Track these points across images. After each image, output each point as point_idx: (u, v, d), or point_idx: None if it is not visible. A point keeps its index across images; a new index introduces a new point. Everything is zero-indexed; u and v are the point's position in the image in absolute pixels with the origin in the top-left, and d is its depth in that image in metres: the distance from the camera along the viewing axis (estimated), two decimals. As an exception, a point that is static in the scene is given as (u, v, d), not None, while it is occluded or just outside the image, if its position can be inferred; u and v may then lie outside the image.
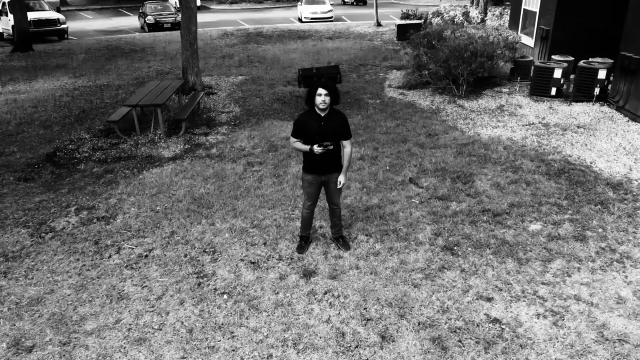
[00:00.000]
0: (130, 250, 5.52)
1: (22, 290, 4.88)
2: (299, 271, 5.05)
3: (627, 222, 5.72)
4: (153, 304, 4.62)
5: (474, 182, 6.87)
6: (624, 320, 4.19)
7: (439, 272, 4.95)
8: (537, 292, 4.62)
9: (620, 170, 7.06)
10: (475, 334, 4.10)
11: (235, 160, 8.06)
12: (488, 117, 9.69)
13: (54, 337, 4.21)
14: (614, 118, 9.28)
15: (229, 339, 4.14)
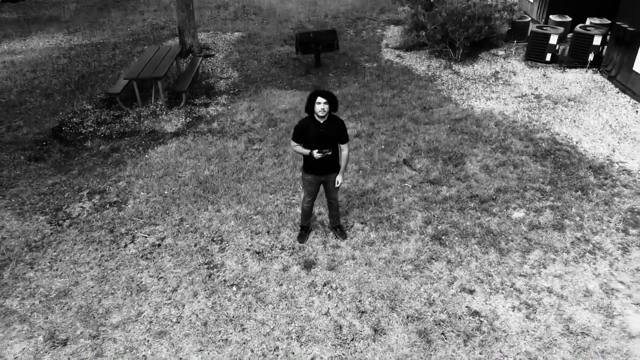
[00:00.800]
0: (144, 239, 5.96)
1: (49, 282, 5.36)
2: (300, 262, 5.53)
3: (603, 210, 6.16)
4: (170, 296, 5.12)
5: (465, 165, 7.23)
6: (588, 314, 4.73)
7: (427, 264, 5.44)
8: (515, 284, 5.13)
9: (604, 152, 7.41)
10: (457, 327, 4.65)
11: (236, 136, 8.33)
12: (482, 87, 9.87)
13: (84, 331, 4.74)
14: (604, 89, 9.48)
15: (240, 332, 4.68)
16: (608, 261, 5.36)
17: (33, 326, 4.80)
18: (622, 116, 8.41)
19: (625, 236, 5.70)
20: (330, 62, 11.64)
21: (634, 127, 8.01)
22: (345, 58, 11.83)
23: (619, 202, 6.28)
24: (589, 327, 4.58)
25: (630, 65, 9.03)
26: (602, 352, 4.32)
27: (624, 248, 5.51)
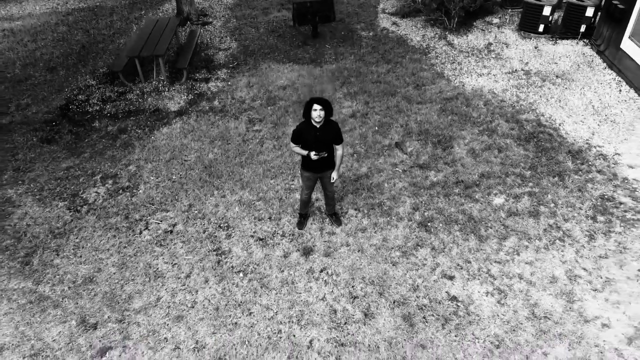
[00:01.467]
0: (157, 226, 6.52)
1: (75, 268, 5.97)
2: (300, 248, 6.12)
3: (576, 197, 6.70)
4: (184, 282, 5.75)
5: (453, 148, 7.68)
6: (552, 299, 5.38)
7: (413, 250, 6.03)
8: (490, 270, 5.75)
9: (584, 135, 7.85)
10: (437, 311, 5.31)
11: (237, 116, 8.70)
12: (474, 61, 10.11)
13: (111, 315, 5.40)
14: (592, 64, 9.75)
15: (247, 316, 5.34)
16: (575, 248, 5.96)
17: (65, 311, 5.45)
18: (606, 95, 8.76)
19: (593, 223, 6.27)
20: (327, 31, 11.75)
21: (615, 108, 8.40)
22: (342, 26, 11.92)
23: (591, 188, 6.81)
24: (551, 312, 5.25)
25: (619, 42, 9.26)
26: (560, 334, 5.01)
27: (591, 235, 6.10)
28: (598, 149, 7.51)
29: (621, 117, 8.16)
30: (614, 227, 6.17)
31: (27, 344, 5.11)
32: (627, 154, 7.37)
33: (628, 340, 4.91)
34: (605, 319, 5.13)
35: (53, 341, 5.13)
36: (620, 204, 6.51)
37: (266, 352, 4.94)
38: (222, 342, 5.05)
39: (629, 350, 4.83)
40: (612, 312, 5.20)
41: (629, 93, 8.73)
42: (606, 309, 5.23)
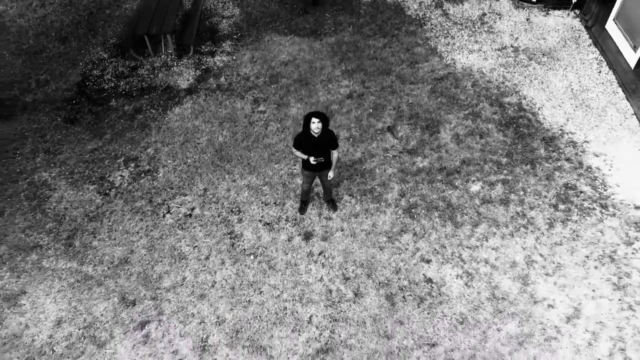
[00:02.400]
0: (177, 209, 7.47)
1: (111, 250, 7.00)
2: (301, 232, 7.11)
3: (543, 185, 7.57)
4: (204, 263, 6.79)
5: (439, 133, 8.42)
6: (510, 282, 6.45)
7: (398, 236, 7.02)
8: (462, 255, 6.77)
9: (559, 120, 8.55)
10: (414, 292, 6.40)
11: (242, 95, 9.33)
12: (467, 35, 10.50)
13: (146, 293, 6.50)
14: (579, 40, 10.16)
15: (259, 295, 6.43)
16: (535, 235, 6.94)
17: (108, 289, 6.54)
18: (586, 77, 9.31)
19: (554, 212, 7.20)
20: (327, -5, 11.95)
21: (592, 92, 9.00)
22: (341, -11, 12.07)
23: (558, 176, 7.66)
24: (508, 294, 6.33)
25: (604, 21, 9.63)
26: (513, 313, 6.12)
27: (550, 223, 7.06)
28: (570, 136, 8.26)
29: (596, 102, 8.80)
30: (572, 216, 7.11)
31: (80, 317, 6.25)
32: (595, 142, 8.13)
33: (567, 319, 6.03)
34: (551, 300, 6.22)
35: (101, 315, 6.26)
36: (580, 193, 7.40)
37: (274, 326, 6.09)
38: (238, 317, 6.19)
39: (566, 327, 5.97)
40: (558, 294, 6.28)
41: (607, 75, 9.28)
42: (553, 291, 6.31)
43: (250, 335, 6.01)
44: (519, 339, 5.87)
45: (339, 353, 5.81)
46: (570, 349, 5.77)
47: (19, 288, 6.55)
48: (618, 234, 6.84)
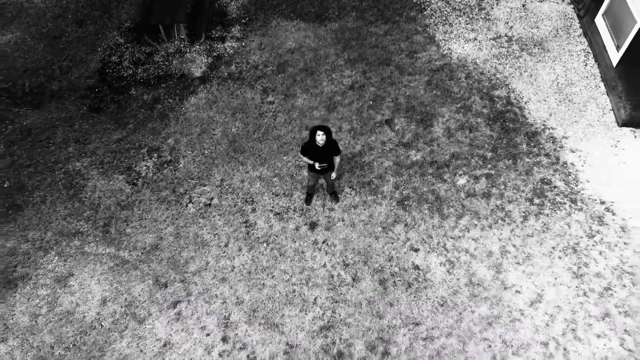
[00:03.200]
0: (198, 199, 8.40)
1: (143, 237, 8.01)
2: (307, 222, 8.07)
3: (522, 180, 8.43)
4: (224, 250, 7.82)
5: (432, 127, 9.17)
6: (485, 270, 7.48)
7: (391, 226, 7.99)
8: (445, 244, 7.77)
9: (543, 115, 9.25)
10: (404, 277, 7.46)
11: (252, 85, 9.97)
12: (464, 22, 10.92)
13: (175, 276, 7.57)
14: (570, 29, 10.61)
15: (271, 279, 7.51)
16: (511, 228, 7.90)
17: (143, 272, 7.62)
18: (572, 70, 9.88)
19: (529, 205, 8.12)
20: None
21: (576, 86, 9.62)
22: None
23: (536, 171, 8.50)
24: (483, 280, 7.39)
25: (595, 14, 10.05)
26: (485, 298, 7.21)
27: (525, 216, 8.00)
28: (551, 132, 9.00)
29: (579, 97, 9.45)
30: (544, 210, 8.04)
31: (122, 297, 7.37)
32: (573, 137, 8.89)
33: (530, 303, 7.12)
34: (519, 287, 7.28)
35: (139, 295, 7.37)
36: (554, 188, 8.28)
37: (285, 306, 7.21)
38: (254, 298, 7.29)
39: (529, 310, 7.07)
40: (525, 281, 7.33)
41: (592, 68, 9.85)
42: (521, 279, 7.36)
43: (265, 314, 7.14)
44: (489, 320, 6.99)
45: (338, 330, 6.96)
46: (530, 329, 6.89)
47: (67, 270, 7.63)
48: (582, 227, 7.79)
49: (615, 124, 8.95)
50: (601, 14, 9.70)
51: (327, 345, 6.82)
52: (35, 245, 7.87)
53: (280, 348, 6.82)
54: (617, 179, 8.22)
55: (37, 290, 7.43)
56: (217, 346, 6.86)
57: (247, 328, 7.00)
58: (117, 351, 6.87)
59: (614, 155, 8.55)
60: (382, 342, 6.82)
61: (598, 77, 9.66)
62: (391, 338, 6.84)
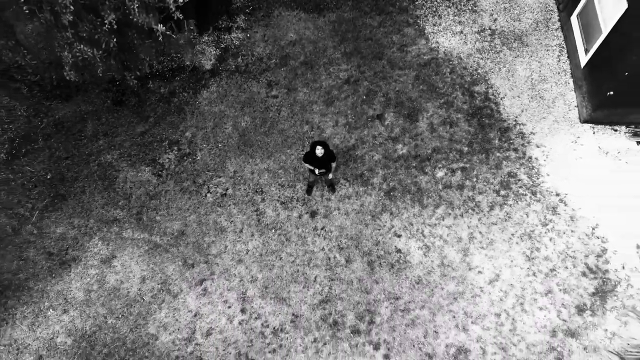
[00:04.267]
0: (215, 190, 9.68)
1: (171, 224, 9.38)
2: (308, 211, 9.42)
3: (492, 173, 9.67)
4: (239, 235, 9.23)
5: (418, 122, 10.24)
6: (455, 254, 8.95)
7: (379, 215, 9.35)
8: (423, 231, 9.18)
9: (516, 111, 10.28)
10: (388, 260, 8.94)
11: (258, 78, 10.87)
12: (453, 14, 11.58)
13: (200, 258, 9.04)
14: (549, 23, 11.31)
15: (279, 260, 8.99)
16: (479, 217, 9.26)
17: (173, 255, 9.08)
18: (546, 66, 10.76)
19: (496, 197, 9.42)
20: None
21: (548, 82, 10.55)
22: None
23: (505, 165, 9.72)
24: (452, 262, 8.87)
25: (572, 11, 10.73)
26: (453, 277, 8.73)
27: (491, 206, 9.33)
28: (520, 127, 10.10)
29: (549, 93, 10.43)
30: (508, 200, 9.36)
31: (157, 275, 8.89)
32: (540, 133, 10.01)
33: (489, 282, 8.67)
34: (481, 268, 8.79)
35: (172, 274, 8.89)
36: (519, 180, 9.55)
37: (291, 284, 8.75)
38: (266, 277, 8.82)
39: (488, 287, 8.62)
40: (487, 263, 8.83)
41: (564, 64, 10.72)
42: (484, 261, 8.85)
43: (274, 290, 8.70)
44: (455, 295, 8.56)
45: (334, 303, 8.55)
46: (487, 303, 8.48)
47: (110, 253, 9.09)
48: (538, 216, 9.17)
49: (578, 120, 10.03)
50: (576, 14, 10.40)
51: (325, 315, 8.43)
52: (81, 231, 9.26)
53: (288, 318, 8.44)
54: (572, 173, 9.47)
55: (87, 270, 8.93)
56: (237, 316, 8.47)
57: (260, 302, 8.58)
58: (158, 320, 8.49)
59: (573, 150, 9.72)
60: (368, 313, 8.43)
61: (568, 73, 10.57)
62: (376, 310, 8.45)
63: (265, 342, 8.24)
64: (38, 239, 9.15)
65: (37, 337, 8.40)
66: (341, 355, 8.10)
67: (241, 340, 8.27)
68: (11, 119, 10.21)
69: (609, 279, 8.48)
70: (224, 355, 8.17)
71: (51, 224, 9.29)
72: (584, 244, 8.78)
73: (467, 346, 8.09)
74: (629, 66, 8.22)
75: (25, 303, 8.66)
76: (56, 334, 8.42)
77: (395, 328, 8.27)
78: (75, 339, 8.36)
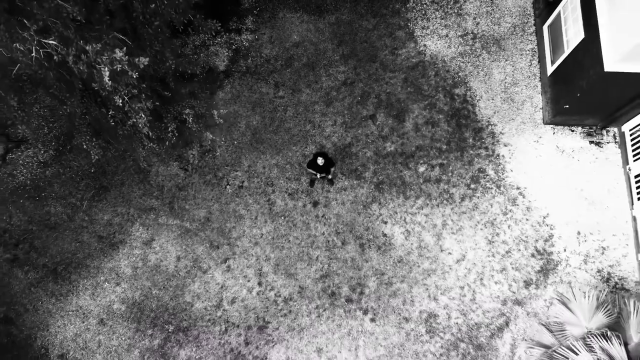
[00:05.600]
0: (233, 182, 11.33)
1: (197, 212, 11.12)
2: (311, 201, 11.13)
3: (465, 169, 11.27)
4: (254, 222, 11.01)
5: (404, 122, 11.69)
6: (430, 238, 10.78)
7: (369, 204, 11.07)
8: (405, 218, 10.95)
9: (489, 113, 11.68)
10: (376, 242, 10.78)
11: (266, 79, 12.13)
12: (440, 17, 12.60)
13: (223, 241, 10.88)
14: (525, 27, 12.37)
15: (287, 242, 10.83)
16: (451, 207, 10.99)
17: (201, 238, 10.90)
18: (518, 71, 11.99)
19: (467, 190, 11.10)
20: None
21: (518, 85, 11.84)
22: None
23: (476, 162, 11.30)
24: (428, 245, 10.73)
25: (545, 20, 11.80)
26: (428, 257, 10.63)
27: (462, 198, 11.04)
28: (492, 128, 11.55)
29: (519, 96, 11.77)
30: (477, 193, 11.05)
31: (190, 255, 10.76)
32: (508, 133, 11.48)
33: (456, 261, 10.58)
34: (450, 250, 10.65)
35: (201, 254, 10.76)
36: (487, 175, 11.18)
37: (297, 262, 10.66)
38: (278, 256, 10.71)
39: (455, 266, 10.54)
40: (456, 246, 10.68)
41: (535, 68, 11.96)
42: (453, 244, 10.70)
43: (284, 267, 10.61)
44: (428, 272, 10.49)
45: (332, 278, 10.50)
46: (454, 278, 10.43)
47: (149, 236, 10.91)
48: (500, 207, 10.90)
49: (542, 121, 11.48)
50: (547, 25, 11.50)
51: (325, 287, 10.42)
52: (124, 218, 11.02)
53: (295, 289, 10.43)
54: (532, 170, 11.08)
55: (132, 250, 10.79)
56: (255, 288, 10.46)
57: (273, 276, 10.53)
58: (192, 291, 10.48)
59: (535, 149, 11.27)
60: (359, 285, 10.40)
61: (538, 77, 11.85)
62: (365, 283, 10.42)
63: (277, 308, 10.28)
64: (89, 225, 10.93)
65: (98, 304, 10.42)
66: (337, 318, 10.16)
67: (259, 307, 10.30)
68: (55, 118, 11.61)
69: (552, 260, 10.38)
70: (245, 319, 10.23)
71: (99, 212, 11.02)
72: (535, 231, 10.59)
73: (436, 312, 10.14)
74: (580, 90, 9.58)
75: (85, 277, 10.60)
76: (112, 302, 10.43)
77: (380, 297, 10.27)
78: (127, 306, 10.39)
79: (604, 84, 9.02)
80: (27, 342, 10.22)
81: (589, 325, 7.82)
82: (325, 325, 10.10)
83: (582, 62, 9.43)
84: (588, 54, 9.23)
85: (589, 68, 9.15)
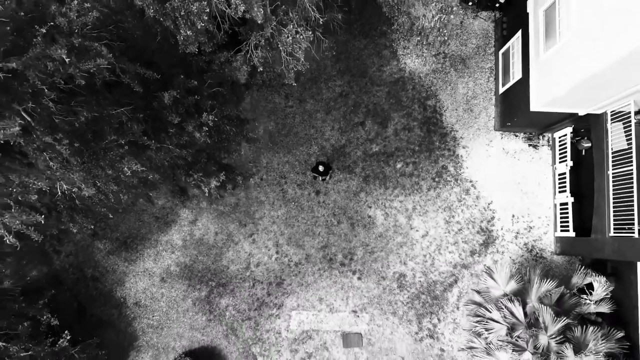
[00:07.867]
0: (259, 176, 14.23)
1: (229, 199, 14.07)
2: (314, 191, 14.11)
3: (432, 166, 14.14)
4: (272, 206, 14.03)
5: (387, 128, 14.39)
6: (404, 219, 13.86)
7: (358, 193, 14.07)
8: (385, 204, 14.00)
9: (452, 121, 14.35)
10: (362, 222, 13.90)
11: (278, 91, 14.66)
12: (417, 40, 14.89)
13: (249, 220, 13.97)
14: (486, 48, 14.73)
15: (297, 221, 13.93)
16: (420, 195, 14.00)
17: (232, 218, 13.97)
18: (478, 86, 14.49)
19: (432, 182, 14.05)
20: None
21: (477, 98, 14.41)
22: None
23: (440, 160, 14.15)
24: (402, 224, 13.85)
25: (501, 46, 14.14)
26: (401, 233, 13.81)
27: (428, 188, 14.02)
28: (454, 133, 14.28)
29: (477, 107, 14.39)
30: (439, 185, 14.02)
31: (224, 231, 13.90)
32: (466, 137, 14.24)
33: (422, 236, 13.79)
34: (418, 228, 13.81)
35: (233, 230, 13.91)
36: (448, 171, 14.10)
37: (305, 236, 13.84)
38: (290, 232, 13.89)
39: (420, 239, 13.75)
40: (422, 225, 13.82)
41: (491, 84, 14.47)
42: (420, 223, 13.83)
43: (295, 240, 13.81)
44: (401, 245, 13.72)
45: (330, 248, 13.72)
46: (419, 248, 13.67)
47: (194, 217, 13.99)
48: (457, 196, 13.91)
49: (493, 128, 14.21)
50: (502, 52, 13.90)
51: (325, 255, 13.69)
52: (174, 203, 14.06)
53: (303, 256, 13.70)
54: (482, 167, 13.97)
55: (182, 228, 13.93)
56: (273, 255, 13.72)
57: (287, 247, 13.76)
58: (227, 257, 13.75)
59: (486, 150, 14.09)
60: (350, 254, 13.67)
61: (493, 91, 14.42)
62: (355, 252, 13.68)
63: (290, 270, 13.60)
64: (149, 208, 13.99)
65: (159, 267, 13.72)
66: (333, 277, 13.52)
67: (277, 269, 13.62)
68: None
69: (492, 235, 13.57)
70: (267, 277, 13.59)
71: (155, 198, 14.03)
72: (481, 214, 13.70)
73: (405, 273, 13.48)
74: (517, 114, 12.26)
75: (148, 247, 13.81)
76: (169, 265, 13.72)
77: (365, 262, 13.58)
78: (181, 268, 13.70)
79: (534, 114, 11.71)
80: (110, 294, 13.61)
81: (505, 289, 11.10)
82: (325, 282, 13.46)
83: (519, 94, 12.04)
84: (523, 91, 11.83)
85: (522, 102, 11.79)
